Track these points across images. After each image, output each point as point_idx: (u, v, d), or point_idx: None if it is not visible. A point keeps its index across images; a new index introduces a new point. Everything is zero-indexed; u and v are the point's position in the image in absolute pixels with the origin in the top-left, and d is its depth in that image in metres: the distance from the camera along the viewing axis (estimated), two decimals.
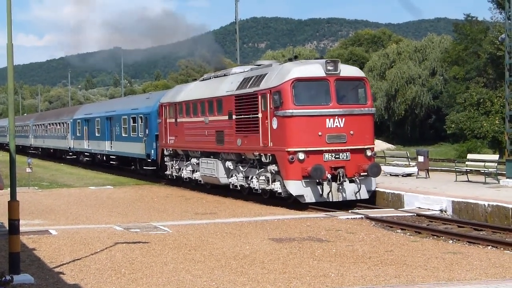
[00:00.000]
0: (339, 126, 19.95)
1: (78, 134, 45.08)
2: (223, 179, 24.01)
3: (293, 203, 19.88)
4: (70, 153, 48.42)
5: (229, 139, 23.11)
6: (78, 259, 13.00)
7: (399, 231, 17.01)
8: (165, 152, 30.01)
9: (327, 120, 19.79)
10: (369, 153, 20.64)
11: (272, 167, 20.41)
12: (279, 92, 19.68)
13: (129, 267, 12.30)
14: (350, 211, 20.28)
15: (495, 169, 24.05)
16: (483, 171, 24.32)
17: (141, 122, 31.28)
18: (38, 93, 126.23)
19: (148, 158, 30.95)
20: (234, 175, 23.35)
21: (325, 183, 19.20)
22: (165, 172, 30.02)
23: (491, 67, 50.90)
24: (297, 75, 19.72)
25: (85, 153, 44.18)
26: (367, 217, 19.04)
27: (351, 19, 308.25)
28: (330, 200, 19.40)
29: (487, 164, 24.11)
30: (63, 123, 50.49)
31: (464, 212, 18.71)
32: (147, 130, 31.12)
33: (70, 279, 11.39)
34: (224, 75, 26.22)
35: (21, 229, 11.80)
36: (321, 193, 19.48)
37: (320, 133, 19.57)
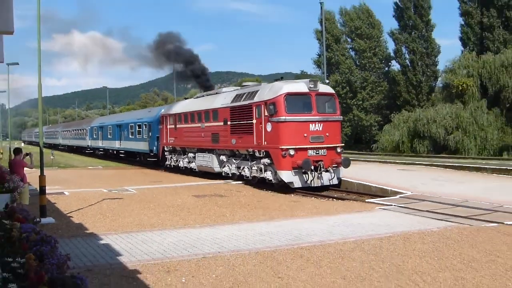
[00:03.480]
0: (319, 129, 18.01)
1: (94, 137, 49.06)
2: (217, 168, 22.77)
3: (281, 187, 18.34)
4: (88, 149, 52.27)
5: (224, 139, 21.61)
6: (81, 209, 14.59)
7: (265, 190, 19.12)
8: (166, 149, 29.14)
9: (311, 125, 17.94)
10: (339, 149, 18.76)
11: (265, 160, 18.65)
12: (274, 103, 17.97)
13: (111, 213, 13.82)
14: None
15: None
16: None
17: (145, 127, 32.58)
18: (58, 112, 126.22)
19: (150, 152, 31.84)
20: (226, 165, 22.09)
21: (308, 172, 17.63)
22: (165, 163, 29.33)
23: None
24: (287, 90, 18.08)
25: (100, 149, 47.51)
26: (248, 183, 20.70)
27: (242, 72, 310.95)
28: (312, 185, 17.86)
29: None
30: (83, 129, 55.07)
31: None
32: (150, 133, 31.93)
33: (76, 220, 12.78)
34: (216, 93, 24.82)
35: (47, 191, 12.19)
36: (306, 180, 17.79)
37: (305, 135, 17.81)
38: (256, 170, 19.53)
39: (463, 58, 49.79)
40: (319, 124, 18.13)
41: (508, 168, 23.68)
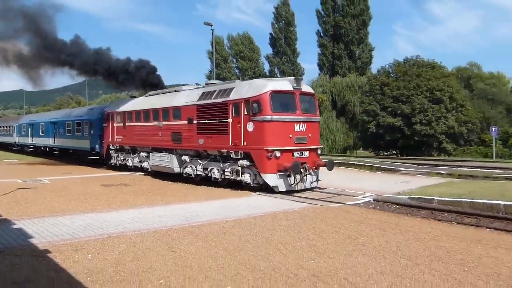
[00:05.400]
0: (303, 130, 14.50)
1: (23, 133, 40.10)
2: (177, 169, 17.82)
3: (260, 190, 14.48)
4: (15, 146, 43.31)
5: (189, 139, 17.04)
6: None
7: (165, 180, 18.39)
8: (111, 147, 23.44)
9: (295, 125, 14.38)
10: (319, 151, 15.41)
11: (244, 162, 14.61)
12: (258, 101, 14.06)
13: (24, 201, 12.65)
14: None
15: None
16: None
17: (86, 125, 26.49)
18: None
19: (92, 150, 25.97)
20: (189, 166, 17.24)
21: (293, 175, 14.15)
22: (110, 162, 23.74)
23: None
24: (273, 88, 14.19)
25: (29, 146, 38.70)
26: (148, 174, 20.07)
27: None
28: (296, 188, 14.33)
29: None
30: (9, 126, 44.99)
31: None
32: (92, 131, 25.93)
33: None
34: (175, 91, 19.66)
35: None
36: (290, 183, 14.18)
37: (290, 136, 14.22)
38: (230, 172, 15.37)
39: (320, 79, 52.98)
40: (303, 125, 14.65)
41: (349, 162, 25.71)
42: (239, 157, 15.04)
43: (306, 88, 15.63)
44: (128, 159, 22.29)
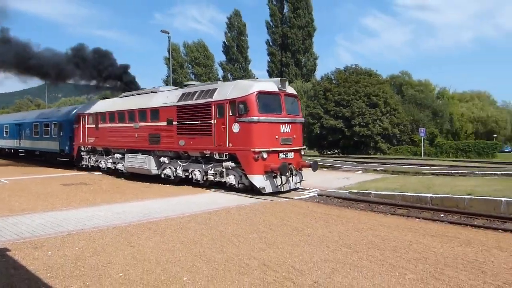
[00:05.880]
0: (288, 131, 13.34)
1: None
2: (154, 171, 16.20)
3: (244, 191, 13.27)
4: None
5: (168, 140, 15.52)
6: None
7: (123, 178, 18.08)
8: (83, 149, 21.34)
9: (281, 126, 13.19)
10: (302, 152, 14.24)
11: (229, 164, 13.36)
12: (244, 102, 12.79)
13: None
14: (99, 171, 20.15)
15: None
16: None
17: (54, 127, 24.09)
18: None
19: (62, 152, 23.73)
20: (168, 167, 15.70)
21: (279, 176, 13.01)
22: (82, 163, 21.51)
23: None
24: (259, 89, 12.95)
25: None
26: (107, 173, 19.41)
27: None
28: (282, 190, 13.19)
29: None
30: None
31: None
32: (61, 132, 23.62)
33: None
34: (151, 92, 17.77)
35: None
36: (276, 184, 13.02)
37: (277, 137, 13.06)
38: (214, 174, 13.92)
39: None
40: (288, 126, 13.49)
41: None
42: (223, 158, 13.74)
43: (290, 89, 14.35)
44: (101, 161, 20.24)
